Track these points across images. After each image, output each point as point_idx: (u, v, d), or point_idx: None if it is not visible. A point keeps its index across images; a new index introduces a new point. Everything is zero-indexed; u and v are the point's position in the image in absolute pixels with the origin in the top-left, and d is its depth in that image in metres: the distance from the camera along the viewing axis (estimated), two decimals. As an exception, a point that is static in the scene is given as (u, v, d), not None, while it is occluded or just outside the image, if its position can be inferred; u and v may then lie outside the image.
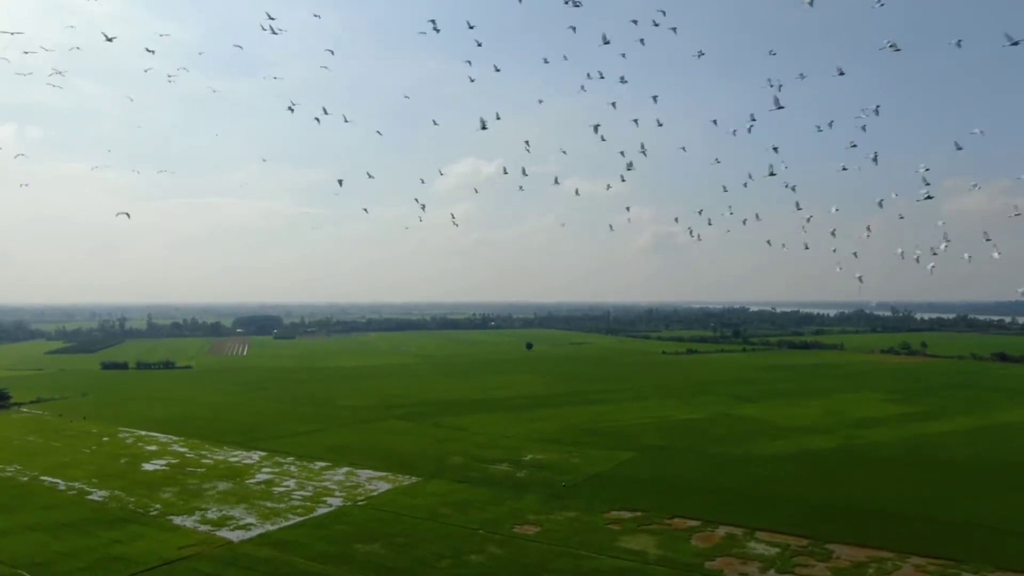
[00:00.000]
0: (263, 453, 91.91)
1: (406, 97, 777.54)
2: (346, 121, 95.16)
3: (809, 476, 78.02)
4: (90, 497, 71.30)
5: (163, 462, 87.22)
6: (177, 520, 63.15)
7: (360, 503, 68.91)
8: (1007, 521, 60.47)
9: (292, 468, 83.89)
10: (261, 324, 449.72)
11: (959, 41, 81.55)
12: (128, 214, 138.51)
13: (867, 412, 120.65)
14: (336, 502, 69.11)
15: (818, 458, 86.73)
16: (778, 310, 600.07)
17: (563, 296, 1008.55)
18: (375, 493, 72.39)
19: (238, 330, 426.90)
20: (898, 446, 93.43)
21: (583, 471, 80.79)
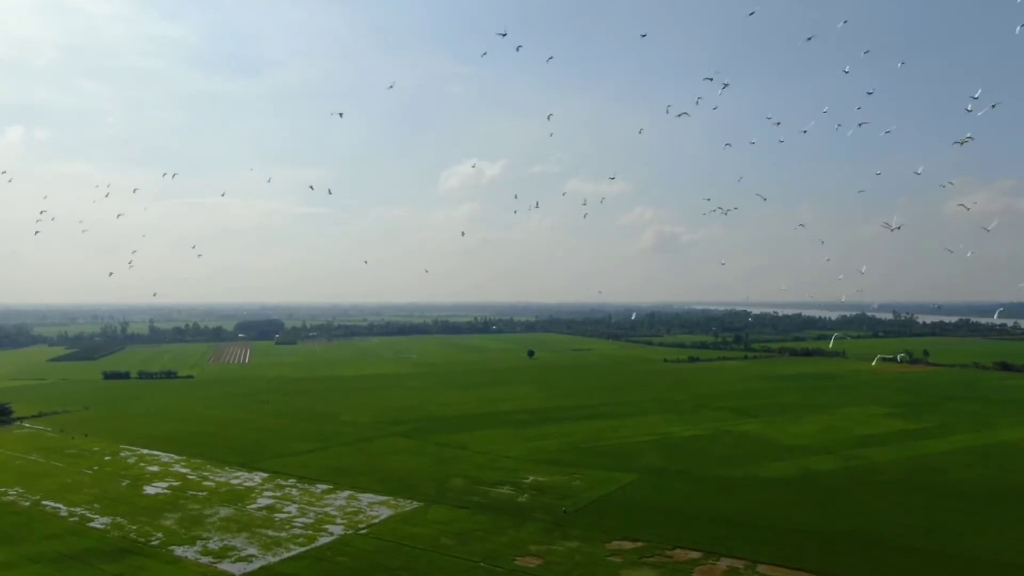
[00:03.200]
0: (265, 475, 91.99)
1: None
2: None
3: (810, 502, 77.87)
4: (92, 525, 71.36)
5: (165, 484, 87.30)
6: (179, 551, 63.20)
7: (362, 531, 68.92)
8: (1010, 553, 60.35)
9: (293, 492, 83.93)
10: (263, 329, 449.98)
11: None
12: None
13: (868, 428, 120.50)
14: (338, 530, 69.14)
15: (819, 482, 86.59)
16: (780, 313, 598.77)
17: (565, 296, 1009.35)
18: (376, 520, 72.37)
19: (240, 335, 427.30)
20: (900, 468, 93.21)
21: (584, 495, 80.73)
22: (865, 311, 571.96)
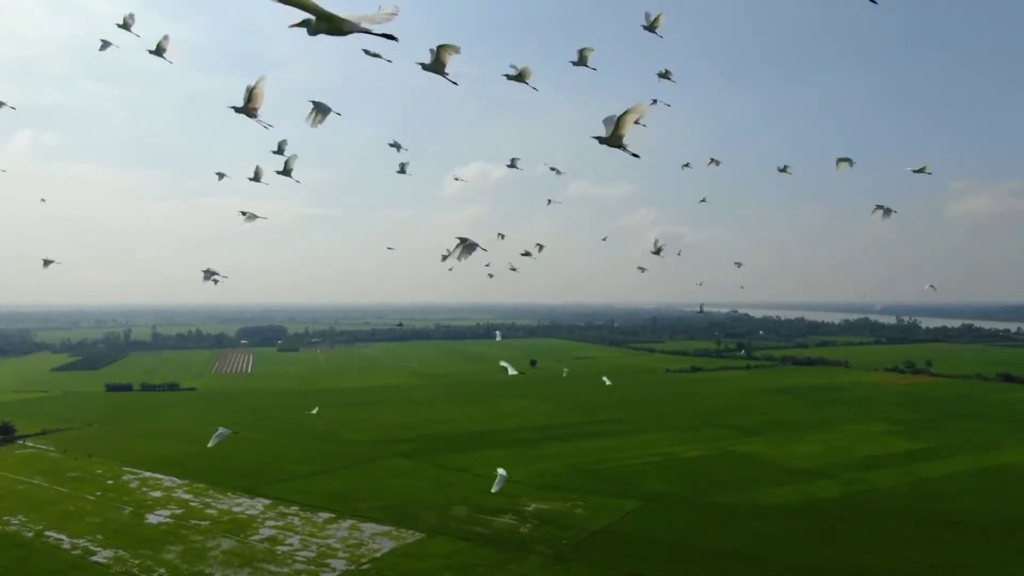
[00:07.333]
0: (267, 502, 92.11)
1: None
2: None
3: (813, 533, 77.82)
4: (94, 559, 71.55)
5: (167, 512, 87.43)
6: (181, 589, 63.36)
7: (364, 566, 69.09)
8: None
9: (296, 520, 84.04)
10: (265, 335, 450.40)
11: None
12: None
13: (870, 449, 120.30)
14: (340, 565, 69.30)
15: (822, 510, 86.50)
16: (782, 317, 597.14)
17: (568, 297, 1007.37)
18: (378, 554, 72.50)
19: (242, 341, 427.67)
20: (902, 495, 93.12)
21: (586, 526, 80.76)
22: (867, 314, 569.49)
